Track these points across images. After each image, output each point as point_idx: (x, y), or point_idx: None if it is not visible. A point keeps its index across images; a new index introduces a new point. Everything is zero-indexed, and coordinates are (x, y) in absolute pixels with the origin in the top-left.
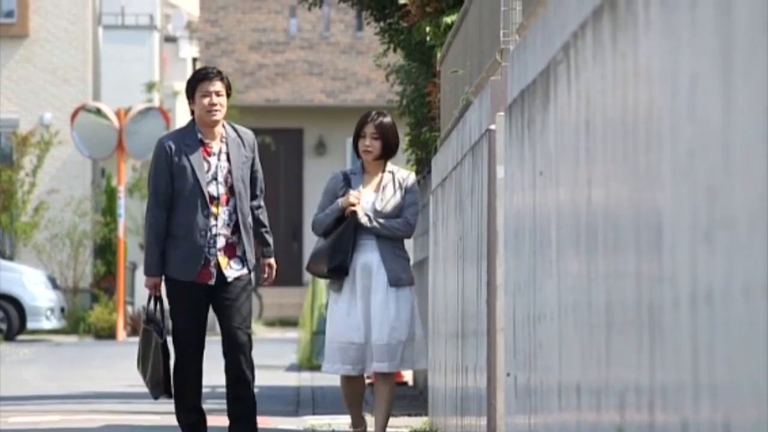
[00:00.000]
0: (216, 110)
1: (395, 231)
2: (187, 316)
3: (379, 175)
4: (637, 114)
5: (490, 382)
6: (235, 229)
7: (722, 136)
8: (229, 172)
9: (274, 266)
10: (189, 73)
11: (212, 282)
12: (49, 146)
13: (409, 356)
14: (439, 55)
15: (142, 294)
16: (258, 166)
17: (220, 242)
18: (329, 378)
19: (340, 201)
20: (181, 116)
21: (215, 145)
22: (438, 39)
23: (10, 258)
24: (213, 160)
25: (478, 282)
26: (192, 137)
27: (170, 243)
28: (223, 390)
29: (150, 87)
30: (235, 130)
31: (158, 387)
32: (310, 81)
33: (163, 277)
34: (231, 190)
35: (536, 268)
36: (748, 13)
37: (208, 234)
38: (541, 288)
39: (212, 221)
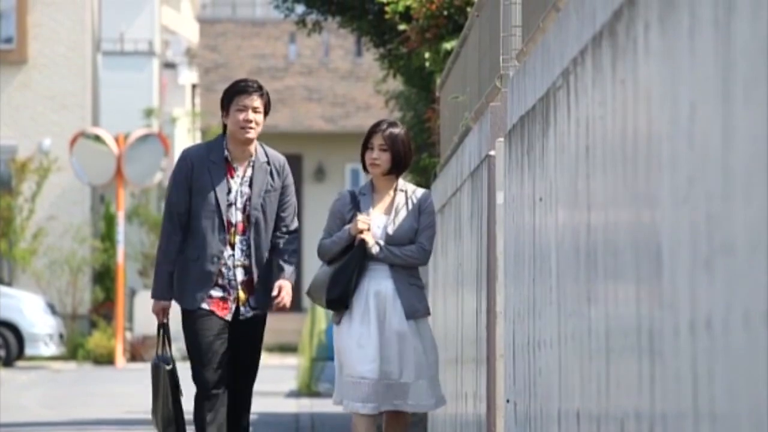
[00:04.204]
0: (251, 127)
1: (409, 259)
2: (204, 349)
3: (391, 194)
4: (637, 140)
5: (490, 409)
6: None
7: (722, 162)
8: (249, 199)
9: (286, 288)
10: (188, 99)
11: (228, 318)
12: (48, 172)
13: (438, 393)
14: (438, 81)
15: (140, 320)
16: (290, 198)
17: (240, 275)
18: (329, 405)
19: (350, 228)
20: (180, 143)
21: (240, 168)
22: (437, 65)
23: (9, 284)
24: (235, 183)
25: (478, 308)
26: (218, 154)
27: (181, 265)
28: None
29: (149, 113)
30: (267, 154)
31: (171, 427)
32: (309, 107)
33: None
34: (248, 219)
35: (536, 295)
36: (748, 40)
37: (228, 263)
38: (540, 314)
39: (229, 250)
